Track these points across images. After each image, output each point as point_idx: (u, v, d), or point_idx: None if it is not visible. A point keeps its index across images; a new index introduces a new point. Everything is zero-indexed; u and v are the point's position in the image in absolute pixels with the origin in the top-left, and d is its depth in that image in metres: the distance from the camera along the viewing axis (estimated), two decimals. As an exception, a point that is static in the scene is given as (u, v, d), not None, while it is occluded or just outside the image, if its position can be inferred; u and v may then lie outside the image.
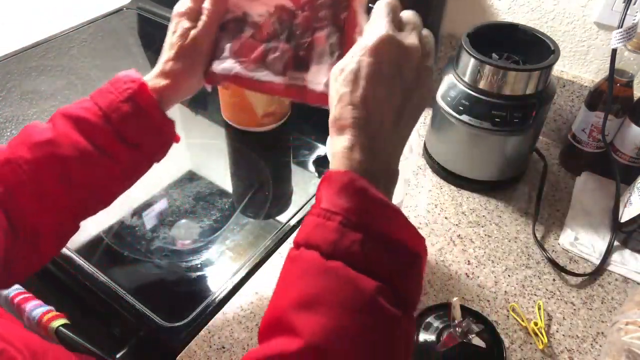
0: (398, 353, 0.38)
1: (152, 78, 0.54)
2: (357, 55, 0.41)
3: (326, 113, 0.44)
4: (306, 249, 0.38)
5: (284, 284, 0.39)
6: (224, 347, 0.62)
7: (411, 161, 0.72)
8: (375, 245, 0.37)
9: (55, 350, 0.42)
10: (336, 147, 0.40)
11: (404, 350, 0.38)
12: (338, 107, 0.41)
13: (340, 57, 0.49)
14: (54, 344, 0.45)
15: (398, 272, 0.38)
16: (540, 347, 0.63)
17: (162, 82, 0.54)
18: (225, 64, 0.55)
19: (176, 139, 0.57)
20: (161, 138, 0.55)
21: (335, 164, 0.40)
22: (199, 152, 0.95)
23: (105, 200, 0.56)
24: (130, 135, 0.52)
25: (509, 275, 0.71)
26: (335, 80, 0.42)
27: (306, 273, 0.37)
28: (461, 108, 0.76)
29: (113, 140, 0.52)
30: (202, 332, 0.64)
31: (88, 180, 0.52)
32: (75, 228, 0.56)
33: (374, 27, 0.42)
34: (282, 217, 0.80)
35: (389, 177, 0.42)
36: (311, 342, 0.34)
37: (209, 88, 0.58)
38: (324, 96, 0.49)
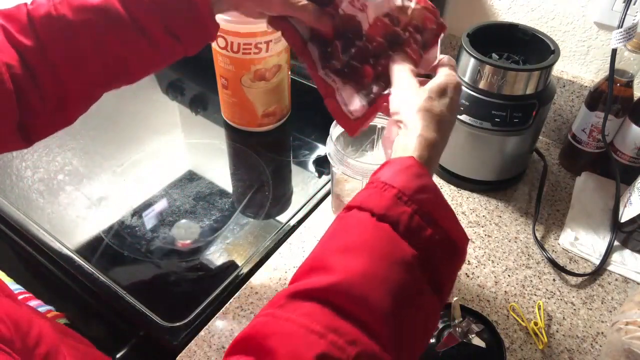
0: (419, 321, 0.39)
1: None
2: (449, 76, 0.50)
3: (326, 113, 0.50)
4: (359, 211, 0.41)
5: (328, 235, 0.42)
6: (224, 347, 0.62)
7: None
8: (420, 223, 0.40)
9: (42, 324, 0.42)
10: (415, 129, 0.45)
11: (423, 325, 0.40)
12: (427, 103, 0.47)
13: (371, 100, 0.54)
14: (42, 318, 0.45)
15: (435, 254, 0.40)
16: (540, 347, 0.63)
17: None
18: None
19: (214, 39, 0.57)
20: (202, 36, 0.55)
21: (407, 144, 0.45)
22: (199, 152, 0.95)
23: (132, 76, 0.56)
24: (175, 26, 0.52)
25: (509, 275, 0.71)
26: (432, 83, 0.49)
27: (354, 226, 0.40)
28: (461, 108, 0.76)
29: (157, 26, 0.52)
30: (202, 332, 0.64)
31: (122, 54, 0.52)
32: (98, 96, 0.56)
33: (454, 73, 0.51)
34: (282, 217, 0.80)
35: (435, 168, 0.47)
36: (344, 279, 0.37)
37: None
38: (346, 119, 0.55)
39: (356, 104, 0.56)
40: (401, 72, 0.51)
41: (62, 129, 0.56)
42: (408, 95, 0.48)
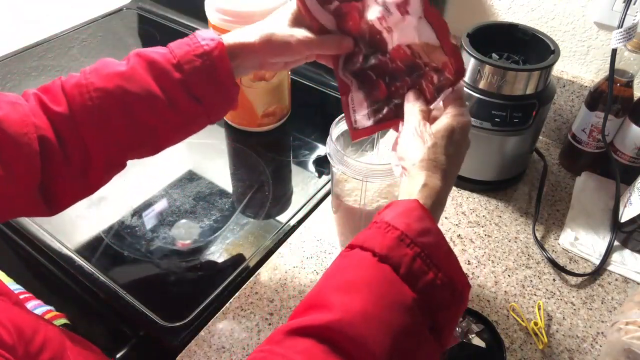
0: None
1: (238, 34, 0.56)
2: (456, 117, 0.49)
3: (326, 113, 0.46)
4: (361, 250, 0.41)
5: (329, 273, 0.42)
6: (224, 347, 0.62)
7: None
8: (422, 267, 0.39)
9: (48, 331, 0.42)
10: (419, 179, 0.46)
11: None
12: (431, 152, 0.47)
13: (379, 120, 0.56)
14: (49, 325, 0.45)
15: (435, 298, 0.40)
16: (540, 347, 0.63)
17: (243, 39, 0.55)
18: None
19: (235, 105, 0.59)
20: (223, 98, 0.57)
21: (411, 191, 0.45)
22: (199, 152, 0.95)
23: (156, 145, 0.58)
24: (196, 87, 0.54)
25: (509, 275, 0.71)
26: (436, 131, 0.49)
27: (355, 266, 0.40)
28: (461, 108, 0.76)
29: (179, 89, 0.53)
30: (202, 332, 0.64)
31: (148, 121, 0.54)
32: (122, 165, 0.58)
33: (463, 110, 0.50)
34: (282, 217, 0.80)
35: (440, 215, 0.48)
36: (343, 317, 0.36)
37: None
38: (350, 122, 0.58)
39: (362, 114, 0.57)
40: (412, 114, 0.51)
41: (83, 198, 0.57)
42: (414, 143, 0.48)
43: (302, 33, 0.55)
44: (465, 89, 0.75)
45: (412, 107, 0.51)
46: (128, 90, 0.52)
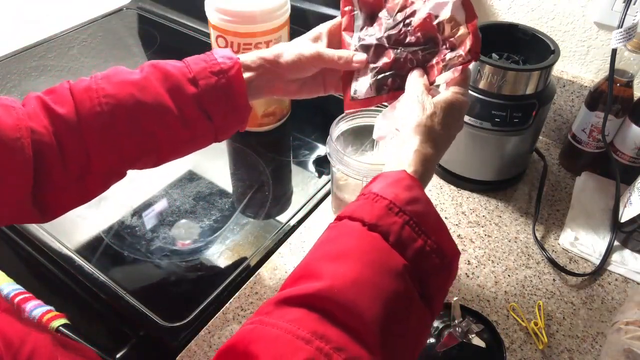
0: (409, 331, 0.39)
1: (256, 51, 0.57)
2: (457, 95, 0.51)
3: (326, 113, 0.46)
4: (349, 220, 0.41)
5: (319, 244, 0.42)
6: (224, 347, 0.62)
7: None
8: (411, 234, 0.40)
9: (38, 339, 0.42)
10: (412, 143, 0.47)
11: (414, 336, 0.39)
12: (429, 120, 0.48)
13: (381, 91, 0.56)
14: (40, 333, 0.44)
15: (425, 265, 0.40)
16: (540, 347, 0.63)
17: (261, 65, 0.56)
18: None
19: (243, 127, 0.59)
20: (235, 118, 0.57)
21: (401, 157, 0.46)
22: (198, 151, 0.95)
23: (159, 158, 0.57)
24: (209, 104, 0.54)
25: (509, 275, 0.71)
26: (435, 100, 0.50)
27: (344, 235, 0.41)
28: (461, 108, 0.76)
29: (191, 103, 0.53)
30: (202, 332, 0.64)
31: (155, 132, 0.53)
32: (122, 175, 0.57)
33: (465, 90, 0.52)
34: (282, 217, 0.80)
35: (428, 182, 0.48)
36: (333, 285, 0.36)
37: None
38: (348, 92, 0.58)
39: (362, 84, 0.57)
40: (415, 84, 0.52)
41: (77, 206, 0.56)
42: (413, 107, 0.49)
43: (316, 46, 0.57)
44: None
45: (415, 79, 0.53)
46: (139, 100, 0.52)
